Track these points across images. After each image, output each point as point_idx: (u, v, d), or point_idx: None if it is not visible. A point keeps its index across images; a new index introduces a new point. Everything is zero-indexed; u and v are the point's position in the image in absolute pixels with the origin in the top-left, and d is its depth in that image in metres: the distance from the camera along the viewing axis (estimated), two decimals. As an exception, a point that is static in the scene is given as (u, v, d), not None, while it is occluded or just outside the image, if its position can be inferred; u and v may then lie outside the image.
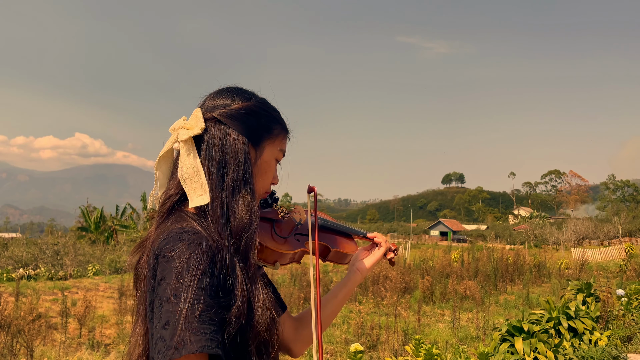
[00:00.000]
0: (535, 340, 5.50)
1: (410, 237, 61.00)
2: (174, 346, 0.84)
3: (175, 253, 0.90)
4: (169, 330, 0.85)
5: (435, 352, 4.70)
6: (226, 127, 1.05)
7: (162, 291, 0.88)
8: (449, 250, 26.91)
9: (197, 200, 1.00)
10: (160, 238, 0.96)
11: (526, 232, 55.84)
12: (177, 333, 0.84)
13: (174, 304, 0.86)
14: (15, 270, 17.07)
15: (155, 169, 1.09)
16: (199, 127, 1.04)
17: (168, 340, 0.84)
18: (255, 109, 1.09)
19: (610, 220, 56.10)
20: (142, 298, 1.03)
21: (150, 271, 0.95)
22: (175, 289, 0.87)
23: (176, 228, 0.96)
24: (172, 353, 0.83)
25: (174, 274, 0.88)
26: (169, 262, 0.90)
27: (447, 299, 12.34)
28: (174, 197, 1.05)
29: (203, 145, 1.04)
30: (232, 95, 1.10)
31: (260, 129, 1.09)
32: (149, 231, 1.06)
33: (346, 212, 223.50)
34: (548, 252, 31.22)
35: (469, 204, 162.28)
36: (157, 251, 0.93)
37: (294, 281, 14.78)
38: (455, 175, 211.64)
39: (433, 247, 36.71)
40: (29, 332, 6.39)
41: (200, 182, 1.01)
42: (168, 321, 0.86)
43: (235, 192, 1.02)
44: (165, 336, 0.85)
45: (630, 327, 7.56)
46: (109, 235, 32.00)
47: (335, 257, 1.33)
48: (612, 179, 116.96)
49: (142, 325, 1.03)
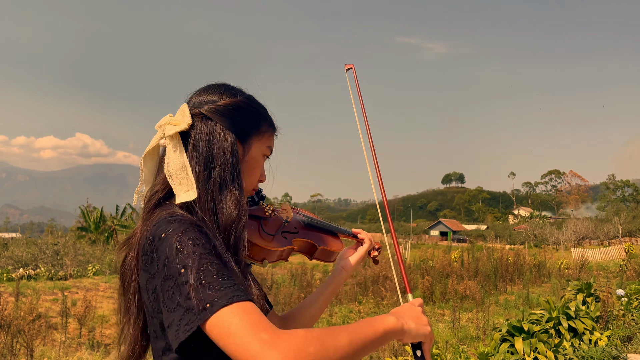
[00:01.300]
0: (535, 340, 5.50)
1: (410, 237, 61.00)
2: (203, 308, 0.82)
3: (170, 232, 0.90)
4: (192, 299, 0.83)
5: (435, 352, 4.70)
6: (213, 122, 1.04)
7: (169, 269, 0.87)
8: (449, 250, 26.90)
9: (184, 196, 0.99)
10: (149, 227, 0.95)
11: (526, 232, 55.86)
12: (201, 296, 0.82)
13: (186, 274, 0.85)
14: (15, 270, 17.06)
15: (141, 165, 1.08)
16: (186, 122, 1.03)
17: (196, 307, 0.82)
18: (242, 105, 1.08)
19: (610, 220, 56.07)
20: (133, 295, 1.02)
21: (140, 263, 0.95)
22: (181, 261, 0.86)
23: (164, 214, 0.96)
24: (203, 315, 0.81)
25: (175, 248, 0.88)
26: (166, 241, 0.90)
27: (447, 299, 12.33)
28: (160, 193, 1.04)
29: (190, 140, 1.03)
30: (219, 91, 1.09)
31: (248, 125, 1.09)
32: (135, 228, 1.05)
33: (346, 212, 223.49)
34: (548, 252, 31.23)
35: (469, 204, 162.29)
36: (150, 237, 0.93)
37: (294, 281, 14.79)
38: (455, 175, 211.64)
39: (433, 247, 36.68)
40: (29, 332, 6.39)
41: (186, 178, 1.00)
42: (188, 292, 0.84)
43: (223, 188, 1.02)
44: (191, 306, 0.83)
45: (630, 327, 7.56)
46: (109, 235, 31.99)
47: (321, 255, 1.35)
48: (612, 179, 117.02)
49: (134, 326, 1.03)
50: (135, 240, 1.00)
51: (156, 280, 0.90)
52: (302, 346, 0.78)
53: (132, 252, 1.01)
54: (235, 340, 0.79)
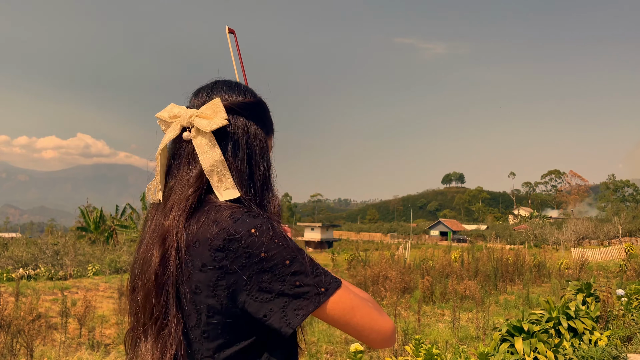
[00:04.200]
0: (535, 340, 5.50)
1: (410, 237, 60.98)
2: (319, 292, 0.91)
3: (260, 227, 0.91)
4: (305, 285, 0.91)
5: (435, 352, 4.70)
6: (244, 119, 1.04)
7: (269, 262, 0.90)
8: (449, 250, 26.89)
9: (227, 194, 0.98)
10: (223, 223, 0.92)
11: (526, 232, 55.83)
12: (314, 282, 0.91)
13: (292, 265, 0.91)
14: (15, 270, 17.06)
15: (157, 160, 1.03)
16: (222, 117, 1.00)
17: (311, 292, 0.91)
18: (264, 105, 1.11)
19: (610, 220, 56.05)
20: (174, 297, 0.94)
21: (210, 261, 0.90)
22: (286, 253, 0.91)
23: (233, 211, 0.94)
24: (319, 299, 0.91)
25: (274, 242, 0.91)
26: (261, 236, 0.90)
27: (447, 299, 12.33)
28: (201, 190, 0.99)
29: (226, 137, 1.01)
30: (237, 89, 1.08)
31: (269, 125, 1.11)
32: (166, 225, 0.96)
33: (346, 212, 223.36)
34: (548, 252, 31.19)
35: (469, 204, 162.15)
36: (234, 232, 0.90)
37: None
38: (455, 175, 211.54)
39: (433, 247, 36.67)
40: (29, 332, 6.39)
41: (227, 176, 0.99)
42: (299, 281, 0.91)
43: (265, 186, 1.05)
44: (301, 292, 0.90)
45: (630, 327, 7.56)
46: (108, 235, 31.96)
47: None
48: (612, 179, 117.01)
49: (178, 329, 0.94)
50: (173, 239, 0.94)
51: (240, 274, 0.89)
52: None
53: (173, 251, 0.94)
54: (362, 312, 0.94)
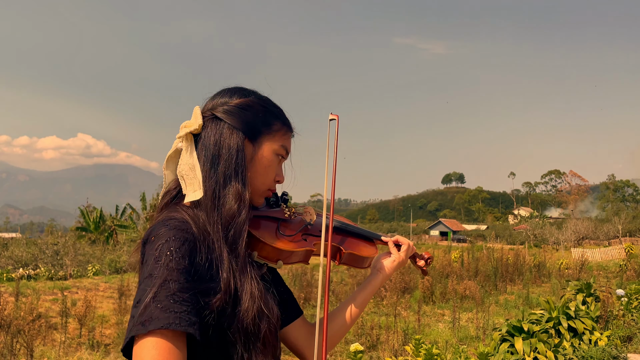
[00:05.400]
0: (535, 340, 5.50)
1: (410, 237, 60.97)
2: (141, 322, 0.82)
3: (157, 236, 0.92)
4: (139, 307, 0.84)
5: (435, 352, 4.70)
6: (222, 122, 1.06)
7: (141, 272, 0.90)
8: (449, 250, 26.87)
9: (192, 196, 1.01)
10: (148, 228, 0.98)
11: (526, 232, 55.80)
12: (146, 310, 0.83)
13: (148, 282, 0.86)
14: (15, 270, 17.06)
15: (164, 169, 1.11)
16: (197, 123, 1.06)
17: (137, 317, 0.83)
18: (252, 104, 1.09)
19: (610, 220, 56.03)
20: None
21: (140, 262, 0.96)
22: (152, 268, 0.88)
23: (163, 216, 0.99)
24: (137, 329, 0.82)
25: (153, 255, 0.90)
26: (151, 245, 0.91)
27: (447, 299, 12.34)
28: (172, 193, 1.08)
29: (199, 141, 1.06)
30: (230, 93, 1.11)
31: (258, 124, 1.09)
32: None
33: (346, 212, 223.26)
34: (548, 252, 31.19)
35: (469, 204, 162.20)
36: (145, 237, 0.95)
37: (294, 281, 14.78)
38: (455, 175, 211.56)
39: (433, 247, 36.69)
40: (29, 332, 6.39)
41: (195, 178, 1.02)
42: (140, 299, 0.85)
43: (227, 183, 1.03)
44: (134, 314, 0.84)
45: (630, 327, 7.56)
46: (108, 235, 31.97)
47: (349, 259, 1.30)
48: (612, 179, 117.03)
49: None
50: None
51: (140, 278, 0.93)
52: None
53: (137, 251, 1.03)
54: None
